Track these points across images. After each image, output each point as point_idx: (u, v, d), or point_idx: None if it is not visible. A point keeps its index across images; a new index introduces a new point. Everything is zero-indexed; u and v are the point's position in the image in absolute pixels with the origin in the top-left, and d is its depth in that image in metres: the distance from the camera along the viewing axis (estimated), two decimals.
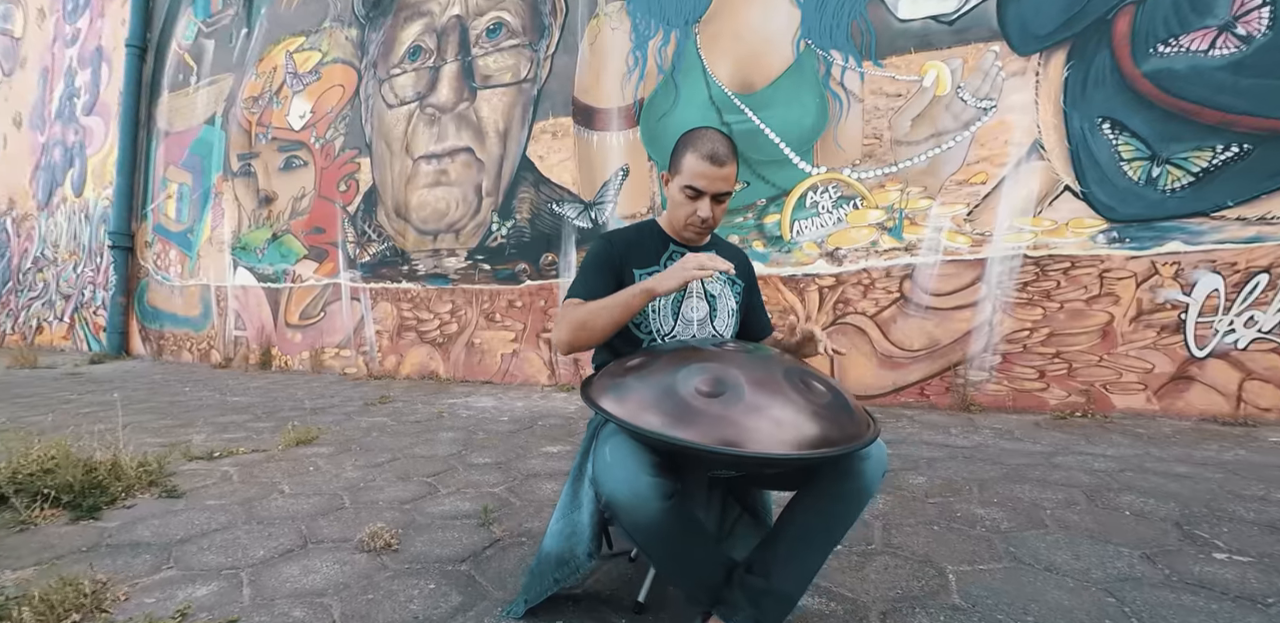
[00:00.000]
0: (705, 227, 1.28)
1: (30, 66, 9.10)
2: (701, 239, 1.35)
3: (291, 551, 1.52)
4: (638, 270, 1.30)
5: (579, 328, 1.14)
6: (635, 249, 1.32)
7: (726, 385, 0.88)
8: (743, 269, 1.44)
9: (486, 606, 1.24)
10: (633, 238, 1.34)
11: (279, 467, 2.33)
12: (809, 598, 1.27)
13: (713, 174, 1.21)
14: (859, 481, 0.97)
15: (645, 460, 0.91)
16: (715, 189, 1.23)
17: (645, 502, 0.89)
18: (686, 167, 1.24)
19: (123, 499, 1.89)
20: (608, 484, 0.92)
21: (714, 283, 1.36)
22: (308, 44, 6.13)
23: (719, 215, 1.29)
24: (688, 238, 1.33)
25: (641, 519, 0.90)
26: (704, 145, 1.23)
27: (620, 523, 0.92)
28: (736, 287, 1.41)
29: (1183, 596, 1.27)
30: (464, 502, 1.90)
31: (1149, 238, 3.09)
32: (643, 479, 0.89)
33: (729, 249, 1.47)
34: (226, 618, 1.18)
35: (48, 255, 8.48)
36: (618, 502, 0.91)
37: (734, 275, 1.41)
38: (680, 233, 1.33)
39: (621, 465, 0.92)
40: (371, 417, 3.44)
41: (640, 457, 0.91)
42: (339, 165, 5.81)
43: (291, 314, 6.02)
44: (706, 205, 1.24)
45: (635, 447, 0.93)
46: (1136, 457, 2.36)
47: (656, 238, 1.35)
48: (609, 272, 1.27)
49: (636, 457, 0.91)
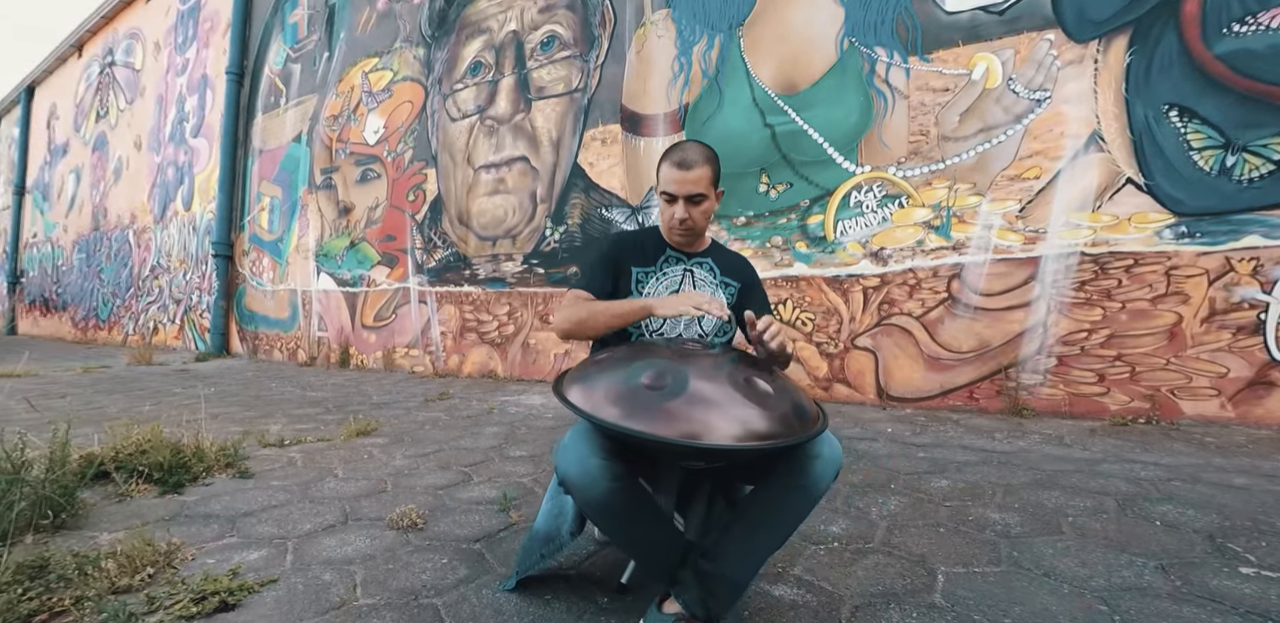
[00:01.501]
0: (685, 228, 1.37)
1: (148, 95, 10.19)
2: (689, 242, 1.43)
3: (333, 526, 1.71)
4: (635, 268, 1.41)
5: (578, 323, 1.27)
6: (636, 249, 1.43)
7: (671, 381, 0.96)
8: (740, 272, 1.51)
9: (488, 579, 1.37)
10: (635, 239, 1.46)
11: (338, 454, 2.57)
12: (784, 588, 1.32)
13: (679, 178, 1.31)
14: (806, 478, 1.03)
15: (596, 445, 1.00)
16: (685, 192, 1.32)
17: (594, 481, 0.98)
18: (661, 175, 1.35)
19: (203, 478, 2.16)
20: (561, 463, 1.03)
21: (705, 286, 1.44)
22: (380, 64, 6.59)
23: (698, 217, 1.37)
24: (677, 241, 1.43)
25: (591, 497, 1.00)
26: (675, 154, 1.33)
27: (574, 499, 1.02)
28: (730, 289, 1.47)
29: (1185, 608, 1.23)
30: (492, 489, 2.05)
31: (1223, 232, 2.87)
32: (592, 461, 0.99)
33: (729, 255, 1.53)
34: (269, 577, 1.37)
35: (162, 264, 9.47)
36: (569, 479, 1.01)
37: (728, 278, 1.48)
38: (670, 236, 1.42)
39: (575, 447, 1.02)
40: (429, 412, 3.69)
41: (592, 441, 1.01)
42: (408, 177, 6.21)
43: (367, 316, 6.48)
44: (681, 208, 1.34)
45: (590, 432, 1.02)
46: (1193, 466, 2.23)
47: (655, 241, 1.46)
48: (610, 267, 1.40)
49: (589, 441, 1.01)
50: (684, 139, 1.40)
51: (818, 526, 1.70)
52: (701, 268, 1.46)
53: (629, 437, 0.93)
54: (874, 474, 2.20)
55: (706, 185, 1.34)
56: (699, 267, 1.45)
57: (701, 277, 1.45)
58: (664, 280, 1.41)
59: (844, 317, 3.78)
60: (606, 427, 0.93)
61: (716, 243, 1.54)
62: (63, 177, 12.76)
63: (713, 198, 1.38)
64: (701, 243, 1.49)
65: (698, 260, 1.46)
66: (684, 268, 1.44)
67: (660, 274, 1.41)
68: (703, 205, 1.36)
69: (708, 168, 1.32)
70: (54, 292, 12.81)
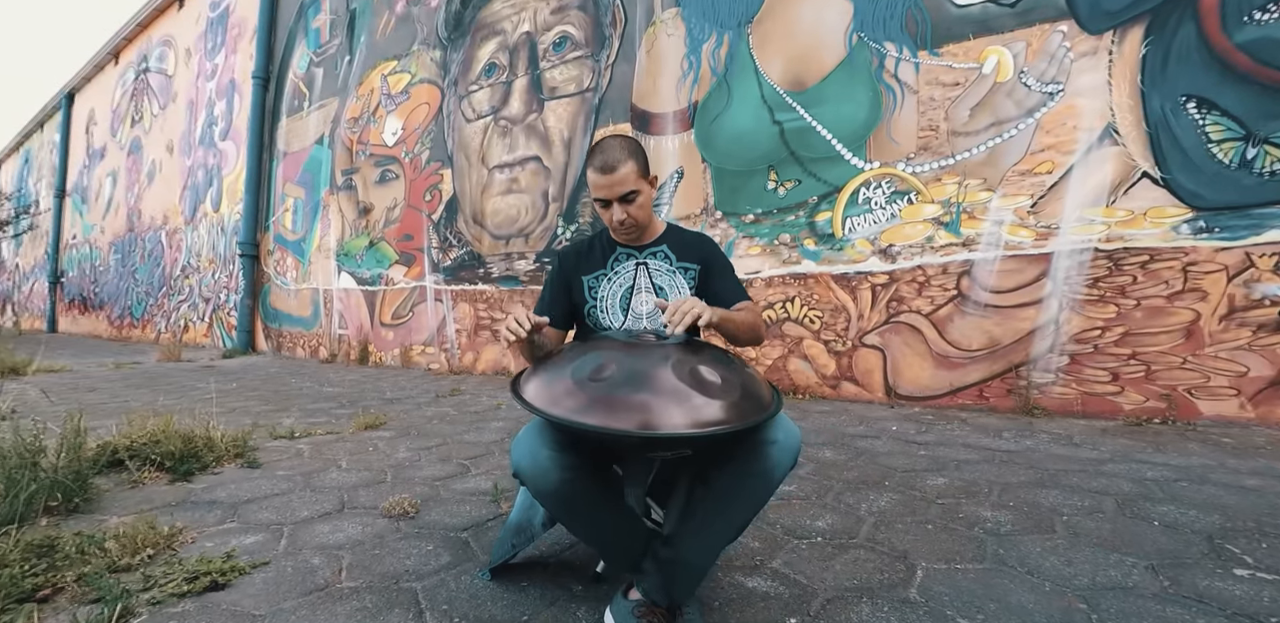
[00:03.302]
0: (627, 227, 1.37)
1: (179, 100, 10.52)
2: (638, 236, 1.42)
3: (329, 514, 1.76)
4: (585, 277, 1.44)
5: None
6: (583, 260, 1.46)
7: (614, 372, 0.98)
8: (698, 251, 1.45)
9: (469, 566, 1.40)
10: (582, 250, 1.48)
11: (344, 447, 2.63)
12: (759, 579, 1.32)
13: (605, 182, 1.30)
14: (764, 463, 1.03)
15: (548, 437, 1.03)
16: (616, 194, 1.31)
17: (545, 472, 1.00)
18: (589, 181, 1.34)
19: (213, 467, 2.23)
20: (514, 456, 1.05)
21: (661, 275, 1.42)
22: (399, 67, 6.70)
23: (637, 213, 1.35)
24: (624, 239, 1.44)
25: (543, 488, 1.02)
26: (595, 158, 1.31)
27: (529, 491, 1.04)
28: (689, 273, 1.42)
29: (1169, 608, 1.21)
30: (487, 482, 2.09)
31: (1243, 227, 2.79)
32: (543, 452, 1.01)
33: (684, 237, 1.49)
34: (261, 560, 1.41)
35: (192, 264, 9.77)
36: (521, 471, 1.04)
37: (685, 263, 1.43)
38: (617, 236, 1.44)
39: (527, 440, 1.04)
40: (438, 407, 3.76)
41: (544, 434, 1.03)
42: (425, 177, 6.31)
43: (385, 314, 6.60)
44: (618, 209, 1.33)
45: (542, 425, 1.05)
46: (1203, 467, 2.17)
47: (605, 243, 1.47)
48: (561, 286, 1.45)
49: (540, 433, 1.03)
50: (602, 138, 1.37)
51: (803, 520, 1.70)
52: (656, 258, 1.43)
53: (576, 429, 0.95)
54: (869, 471, 2.19)
55: (635, 180, 1.31)
56: (653, 257, 1.43)
57: (657, 267, 1.42)
58: (616, 279, 1.42)
59: (852, 314, 3.75)
60: (555, 420, 0.95)
61: (672, 227, 1.50)
62: (100, 180, 13.23)
63: (646, 189, 1.35)
64: (652, 232, 1.46)
65: (651, 251, 1.44)
66: (636, 262, 1.43)
67: (612, 274, 1.43)
68: (637, 200, 1.34)
69: (631, 162, 1.30)
70: (91, 291, 13.29)
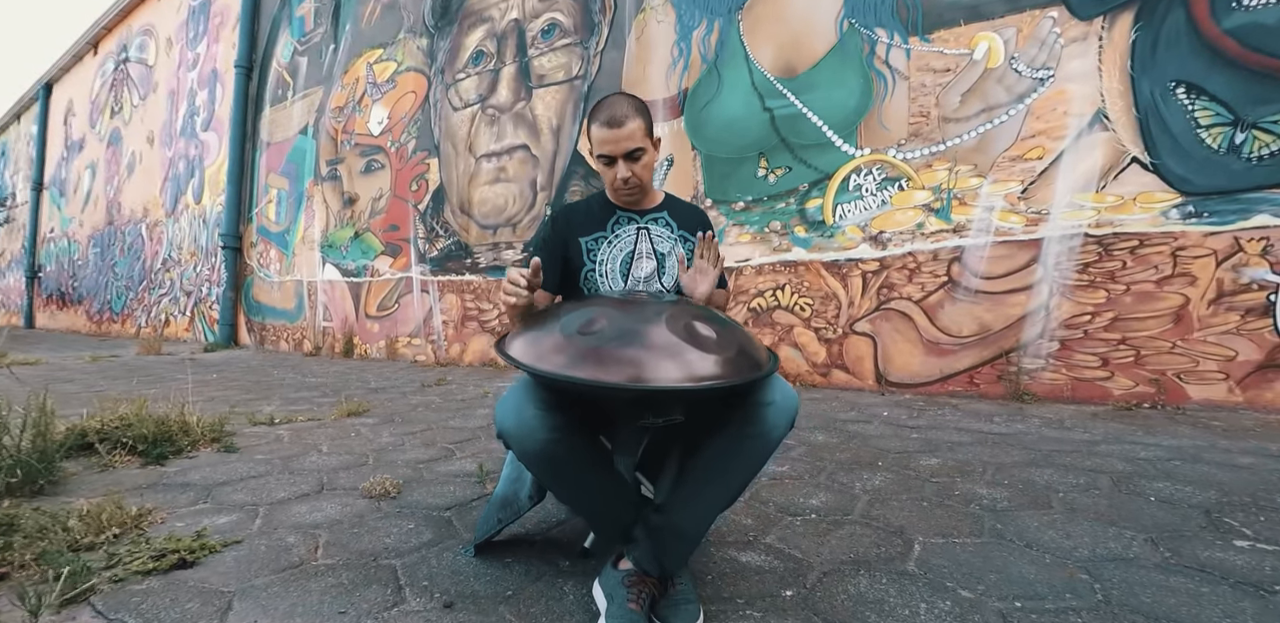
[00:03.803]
0: (630, 187, 1.32)
1: (160, 90, 10.31)
2: (638, 199, 1.38)
3: (307, 495, 1.70)
4: (583, 238, 1.37)
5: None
6: (581, 220, 1.39)
7: (605, 326, 0.93)
8: (697, 225, 1.45)
9: (451, 544, 1.35)
10: (580, 209, 1.42)
11: (326, 432, 2.57)
12: (753, 554, 1.28)
13: (611, 137, 1.25)
14: (759, 426, 0.99)
15: (535, 396, 0.97)
16: (622, 150, 1.27)
17: (531, 432, 0.95)
18: (593, 137, 1.29)
19: (188, 451, 2.16)
20: (499, 416, 1.00)
21: (663, 242, 1.39)
22: (385, 55, 6.60)
23: (641, 173, 1.31)
24: (625, 202, 1.39)
25: (528, 449, 0.96)
26: (601, 113, 1.26)
27: (513, 453, 0.99)
28: (689, 243, 1.42)
29: (1172, 578, 1.18)
30: (472, 464, 2.03)
31: (1231, 211, 2.79)
32: (528, 411, 0.95)
33: (684, 207, 1.48)
34: (233, 539, 1.35)
35: (173, 257, 9.58)
36: (505, 431, 0.98)
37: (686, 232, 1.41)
38: (617, 198, 1.38)
39: (513, 398, 0.99)
40: (424, 396, 3.69)
41: (531, 392, 0.98)
42: (411, 167, 6.22)
43: (370, 306, 6.50)
44: (622, 167, 1.29)
45: (529, 384, 1.00)
46: (1195, 448, 2.16)
47: (603, 206, 1.41)
48: (554, 247, 1.37)
49: (527, 392, 0.98)
50: (608, 94, 1.32)
51: (797, 498, 1.67)
52: (657, 224, 1.40)
53: (566, 384, 0.90)
54: (862, 453, 2.16)
55: (641, 138, 1.28)
56: (654, 223, 1.40)
57: (659, 233, 1.39)
58: (617, 243, 1.37)
59: (843, 302, 3.72)
60: (543, 376, 0.91)
61: (670, 196, 1.48)
62: (79, 172, 12.95)
63: (651, 149, 1.32)
64: (653, 198, 1.43)
65: (653, 217, 1.41)
66: (637, 227, 1.39)
67: (613, 237, 1.37)
68: (643, 159, 1.30)
69: (639, 119, 1.26)
70: (70, 285, 13.01)
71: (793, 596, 1.10)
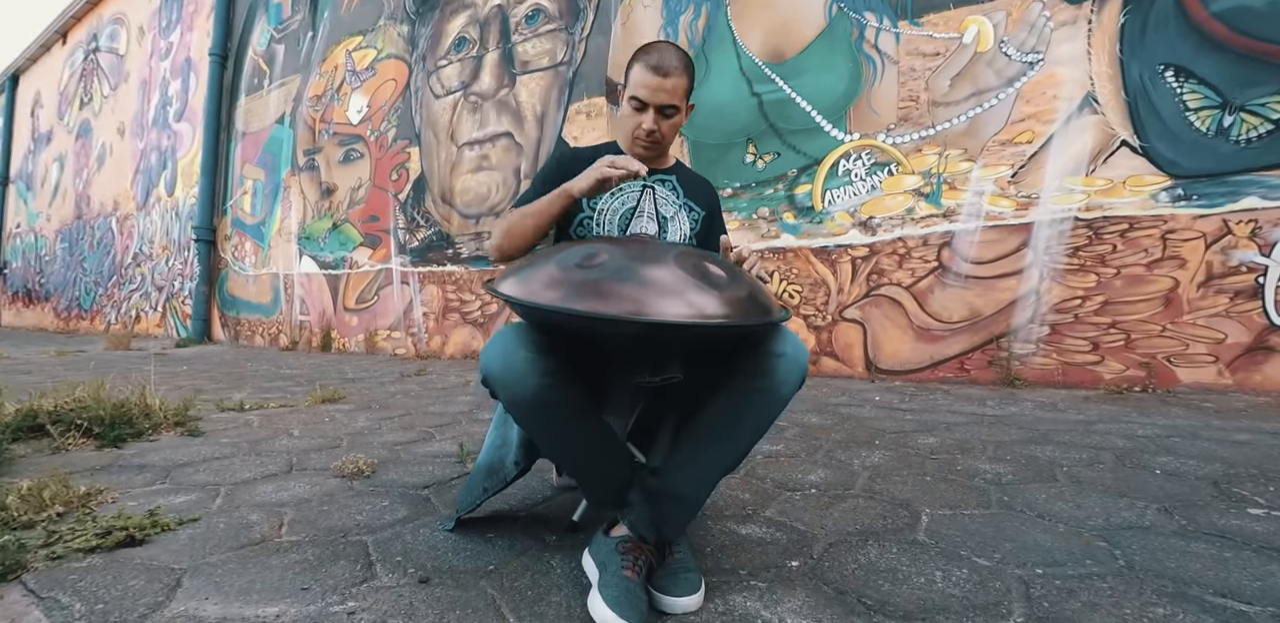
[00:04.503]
0: (651, 141, 1.25)
1: (132, 80, 10.01)
2: (653, 157, 1.31)
3: (275, 475, 1.59)
4: None
5: (505, 234, 1.15)
6: (586, 164, 1.29)
7: (607, 260, 0.85)
8: (705, 197, 1.39)
9: (429, 520, 1.25)
10: (587, 155, 1.32)
11: (298, 417, 2.45)
12: (753, 527, 1.21)
13: (654, 84, 1.18)
14: (770, 379, 0.91)
15: (525, 338, 0.88)
16: (657, 100, 1.19)
17: (520, 376, 0.86)
18: (632, 77, 1.22)
19: (148, 435, 2.03)
20: (484, 359, 0.90)
21: (667, 205, 1.32)
22: (365, 42, 6.45)
23: (667, 131, 1.25)
24: (639, 154, 1.30)
25: (517, 396, 0.87)
26: (651, 55, 1.20)
27: (501, 401, 0.90)
28: (694, 213, 1.36)
29: (1192, 544, 1.13)
30: (453, 445, 1.93)
31: (1220, 194, 2.78)
32: (519, 353, 0.86)
33: (693, 177, 1.41)
34: (189, 517, 1.24)
35: (145, 251, 9.30)
36: (491, 375, 0.89)
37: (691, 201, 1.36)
38: (631, 149, 1.30)
39: (501, 341, 0.90)
40: (403, 385, 3.57)
41: (521, 334, 0.89)
42: (391, 156, 6.07)
43: (349, 299, 6.34)
44: (650, 118, 1.21)
45: (519, 326, 0.91)
46: (1190, 427, 2.13)
47: (613, 154, 1.32)
48: (555, 183, 1.24)
49: (517, 333, 0.89)
50: (660, 42, 1.25)
51: (794, 474, 1.59)
52: (664, 186, 1.33)
53: (563, 317, 0.81)
54: (858, 433, 2.10)
55: (680, 97, 1.21)
56: (661, 184, 1.33)
57: (663, 195, 1.32)
58: (620, 196, 1.28)
59: (832, 288, 3.67)
60: (536, 309, 0.82)
61: (681, 163, 1.42)
62: (46, 165, 12.54)
63: (684, 112, 1.26)
64: (666, 160, 1.37)
65: (660, 178, 1.34)
66: (643, 184, 1.31)
67: (616, 189, 1.28)
68: (673, 118, 1.24)
69: (685, 77, 1.20)
70: (37, 282, 12.59)
71: (799, 566, 1.03)
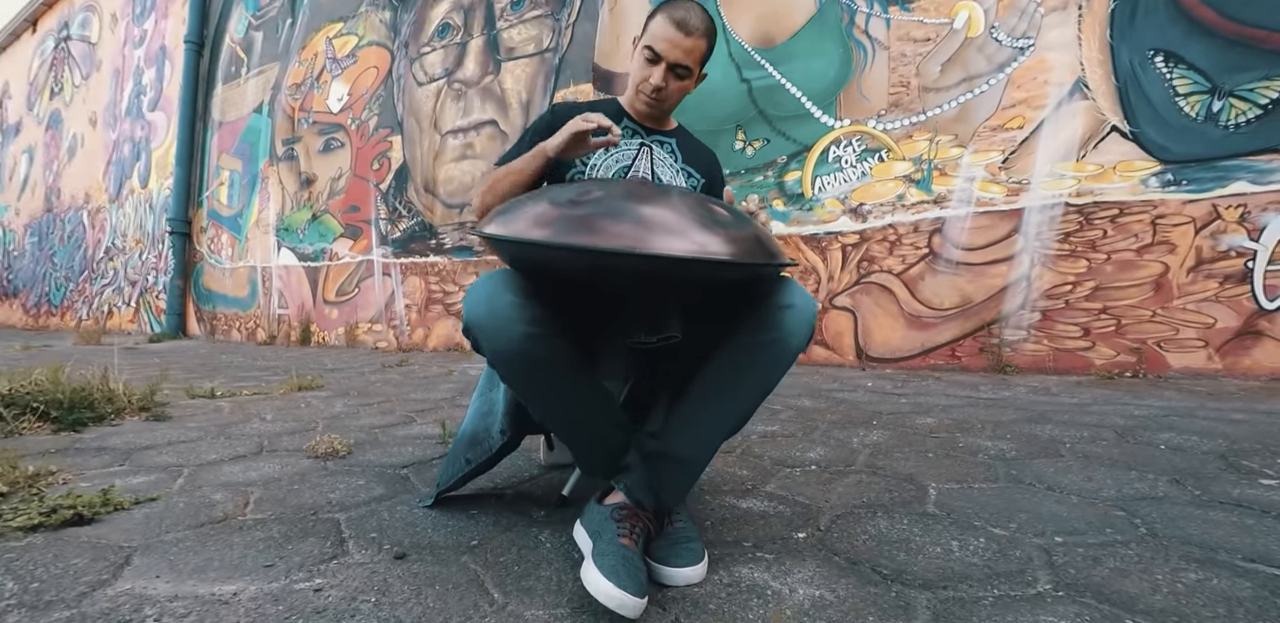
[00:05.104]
0: (656, 97, 1.18)
1: (104, 69, 9.73)
2: (653, 116, 1.23)
3: (244, 456, 1.50)
4: None
5: (487, 192, 1.08)
6: None
7: (601, 194, 0.78)
8: (705, 164, 1.33)
9: (407, 498, 1.17)
10: (583, 109, 1.24)
11: (272, 404, 2.34)
12: (754, 501, 1.14)
13: (674, 39, 1.12)
14: (777, 331, 0.84)
15: (512, 283, 0.81)
16: (673, 57, 1.13)
17: (506, 323, 0.78)
18: (652, 28, 1.15)
19: (111, 419, 1.92)
20: (467, 304, 0.82)
21: (664, 168, 1.25)
22: (345, 29, 6.30)
23: (674, 92, 1.18)
24: (639, 111, 1.23)
25: (501, 344, 0.79)
26: (677, 11, 1.13)
27: (484, 353, 0.82)
28: (692, 180, 1.29)
29: (1211, 512, 1.08)
30: (435, 428, 1.85)
31: (1210, 179, 2.77)
32: (504, 297, 0.78)
33: (694, 143, 1.35)
34: (147, 497, 1.15)
35: (117, 245, 9.04)
36: (474, 322, 0.81)
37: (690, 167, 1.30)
38: (634, 102, 1.22)
39: (485, 286, 0.82)
40: (383, 375, 3.46)
41: (508, 279, 0.81)
42: (373, 145, 5.94)
43: (329, 291, 6.19)
44: (661, 73, 1.14)
45: (505, 272, 0.83)
46: (1186, 408, 2.10)
47: (611, 112, 1.25)
48: (543, 139, 1.16)
49: (503, 277, 0.81)
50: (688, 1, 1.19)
51: (792, 453, 1.53)
52: (662, 148, 1.27)
53: (556, 251, 0.73)
54: (853, 414, 2.04)
55: (696, 60, 1.16)
56: (659, 146, 1.26)
57: (660, 157, 1.26)
58: (615, 153, 1.21)
59: (822, 276, 3.63)
60: (526, 244, 0.74)
61: (684, 128, 1.35)
62: (15, 157, 12.17)
63: (695, 78, 1.20)
64: (668, 123, 1.30)
65: (659, 139, 1.27)
66: (641, 142, 1.24)
67: (614, 149, 1.21)
68: (684, 81, 1.18)
69: (705, 41, 1.15)
70: (5, 278, 12.21)
71: (806, 537, 0.96)
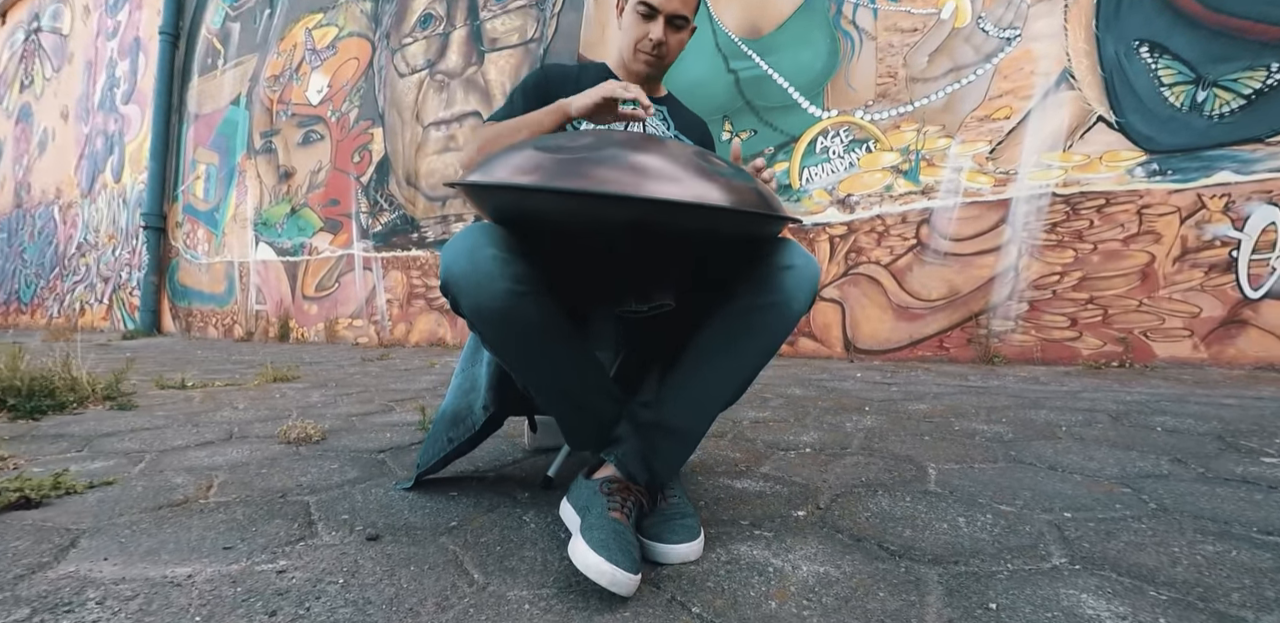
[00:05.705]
0: (657, 54, 1.12)
1: (76, 61, 9.48)
2: (649, 75, 1.18)
3: (211, 443, 1.42)
4: None
5: (484, 148, 1.00)
6: (573, 82, 1.16)
7: (592, 141, 0.72)
8: (697, 134, 1.29)
9: (383, 481, 1.10)
10: (573, 72, 1.19)
11: (245, 394, 2.25)
12: (749, 481, 1.09)
13: None
14: (778, 294, 0.79)
15: (494, 236, 0.74)
16: (670, 8, 1.08)
17: (488, 280, 0.71)
18: None
19: (73, 408, 1.83)
20: (446, 259, 0.75)
21: (656, 134, 1.21)
22: (325, 20, 6.18)
23: (674, 46, 1.13)
24: (637, 70, 1.17)
25: (482, 302, 0.73)
26: None
27: (463, 312, 0.76)
28: None
29: (1217, 488, 1.05)
30: (415, 415, 1.78)
31: (1194, 169, 2.78)
32: (486, 250, 0.72)
33: (686, 112, 1.30)
34: (103, 480, 1.08)
35: (89, 241, 8.80)
36: (453, 277, 0.74)
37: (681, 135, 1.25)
38: (629, 64, 1.16)
39: (465, 239, 0.75)
40: (363, 367, 3.37)
41: (490, 232, 0.75)
42: (353, 137, 5.83)
43: (308, 286, 6.06)
44: (660, 27, 1.09)
45: (486, 225, 0.77)
46: (1176, 394, 2.10)
47: (601, 75, 1.19)
48: (535, 99, 1.11)
49: (484, 230, 0.75)
50: None
51: (786, 436, 1.49)
52: (654, 115, 1.22)
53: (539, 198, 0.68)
54: (845, 402, 2.01)
55: (692, 8, 1.12)
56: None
57: (653, 124, 1.21)
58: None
59: None
60: (510, 189, 0.69)
61: (673, 95, 1.30)
62: None
63: (689, 30, 1.16)
64: (659, 88, 1.25)
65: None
66: (634, 108, 1.19)
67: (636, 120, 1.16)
68: (681, 33, 1.13)
69: None
70: None
71: (805, 515, 0.91)
